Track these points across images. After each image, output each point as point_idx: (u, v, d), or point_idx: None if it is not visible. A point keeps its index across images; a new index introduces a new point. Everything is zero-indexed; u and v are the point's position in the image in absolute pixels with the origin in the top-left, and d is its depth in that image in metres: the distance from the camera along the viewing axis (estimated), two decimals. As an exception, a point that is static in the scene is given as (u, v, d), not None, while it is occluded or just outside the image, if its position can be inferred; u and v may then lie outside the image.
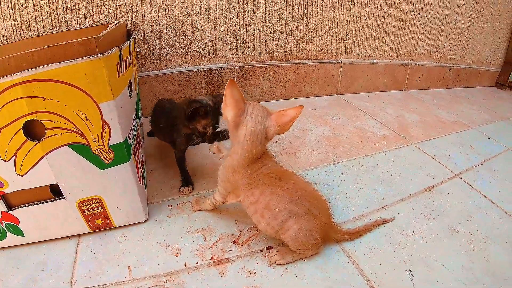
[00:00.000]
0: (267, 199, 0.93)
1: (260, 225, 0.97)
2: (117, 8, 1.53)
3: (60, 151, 0.86)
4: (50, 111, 0.80)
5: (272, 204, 0.92)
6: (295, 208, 0.92)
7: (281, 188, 0.93)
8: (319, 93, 2.33)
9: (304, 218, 0.92)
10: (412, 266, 1.03)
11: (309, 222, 0.93)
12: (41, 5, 1.39)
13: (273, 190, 0.93)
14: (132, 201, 1.03)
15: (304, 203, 0.93)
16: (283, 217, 0.92)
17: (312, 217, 0.94)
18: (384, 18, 2.35)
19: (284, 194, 0.92)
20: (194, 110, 1.13)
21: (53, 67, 0.76)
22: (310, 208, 0.93)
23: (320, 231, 0.96)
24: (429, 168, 1.57)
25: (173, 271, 0.94)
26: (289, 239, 0.94)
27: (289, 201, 0.92)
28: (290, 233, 0.93)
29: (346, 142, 1.74)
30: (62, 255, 0.98)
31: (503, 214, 1.32)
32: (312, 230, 0.94)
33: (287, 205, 0.91)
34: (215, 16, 1.76)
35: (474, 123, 2.22)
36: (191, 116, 1.15)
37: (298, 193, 0.93)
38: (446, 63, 2.88)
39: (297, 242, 0.94)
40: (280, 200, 0.92)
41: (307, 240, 0.94)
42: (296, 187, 0.94)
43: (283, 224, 0.93)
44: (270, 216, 0.93)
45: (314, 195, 0.98)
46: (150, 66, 1.72)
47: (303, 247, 0.95)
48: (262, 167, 0.96)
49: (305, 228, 0.93)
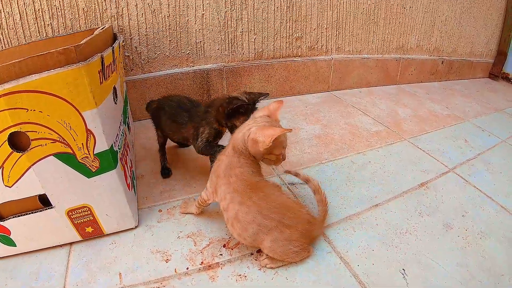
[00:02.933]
0: (236, 209, 0.92)
1: (234, 235, 0.97)
2: (103, 12, 1.52)
3: (46, 161, 0.85)
4: (34, 122, 0.80)
5: (241, 215, 0.92)
6: (263, 221, 0.91)
7: (250, 199, 0.92)
8: (310, 91, 2.32)
9: (276, 230, 0.92)
10: (405, 265, 1.02)
11: (283, 233, 0.92)
12: (27, 12, 1.38)
13: (241, 200, 0.92)
14: (121, 208, 1.03)
15: (274, 216, 0.92)
16: (253, 229, 0.91)
17: (286, 228, 0.92)
18: (374, 13, 2.34)
19: (252, 205, 0.91)
20: (236, 108, 1.13)
21: (34, 77, 0.75)
22: (282, 219, 0.92)
23: (301, 238, 0.95)
24: (423, 164, 1.57)
25: (163, 277, 0.94)
26: (267, 251, 0.94)
27: (257, 213, 0.91)
28: (265, 244, 0.93)
29: (338, 139, 1.73)
30: (54, 264, 0.98)
31: (499, 208, 1.31)
32: (289, 239, 0.93)
33: (255, 218, 0.91)
34: (202, 17, 1.76)
35: (468, 116, 2.21)
36: (231, 114, 1.15)
37: (267, 206, 0.92)
38: (439, 56, 2.87)
39: (276, 253, 0.94)
40: (248, 212, 0.91)
41: (286, 249, 0.94)
42: (266, 199, 0.93)
43: (255, 236, 0.92)
44: (240, 228, 0.93)
45: (287, 206, 0.96)
46: (138, 69, 1.72)
47: (285, 257, 0.95)
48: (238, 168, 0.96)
49: (280, 239, 0.92)
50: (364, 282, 0.96)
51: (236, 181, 0.94)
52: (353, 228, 1.15)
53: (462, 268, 1.03)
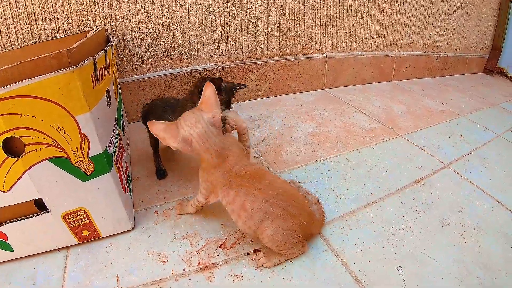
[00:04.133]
0: (242, 200, 0.93)
1: (239, 224, 0.97)
2: (96, 14, 1.51)
3: (41, 166, 0.85)
4: (27, 127, 0.80)
5: (247, 204, 0.92)
6: (270, 208, 0.91)
7: (255, 188, 0.93)
8: (305, 89, 2.32)
9: (280, 218, 0.92)
10: (402, 262, 1.02)
11: (286, 221, 0.93)
12: (20, 16, 1.38)
13: (247, 191, 0.93)
14: (117, 211, 1.03)
15: (280, 203, 0.92)
16: (259, 217, 0.92)
17: (290, 216, 0.93)
18: (368, 10, 2.34)
19: (258, 194, 0.92)
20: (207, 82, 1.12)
21: (27, 83, 0.75)
22: (287, 207, 0.93)
23: (300, 229, 0.96)
24: (418, 160, 1.57)
25: (160, 279, 0.94)
26: (267, 240, 0.94)
27: (264, 201, 0.91)
28: (268, 232, 0.93)
29: (333, 137, 1.73)
30: (52, 268, 0.98)
31: (495, 203, 1.32)
32: (290, 229, 0.94)
33: (262, 206, 0.91)
34: (195, 17, 1.75)
35: (463, 111, 2.22)
36: None
37: (274, 193, 0.93)
38: (433, 52, 2.88)
39: (275, 242, 0.94)
40: (254, 201, 0.92)
41: (286, 240, 0.94)
42: (271, 187, 0.94)
43: (259, 224, 0.93)
44: (246, 216, 0.93)
45: (291, 194, 0.97)
46: (132, 71, 1.72)
47: (283, 247, 0.95)
48: (233, 167, 0.96)
49: (283, 228, 0.92)
50: (360, 280, 0.96)
51: (236, 178, 0.95)
52: (349, 226, 1.15)
53: (458, 264, 1.03)
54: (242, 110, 1.99)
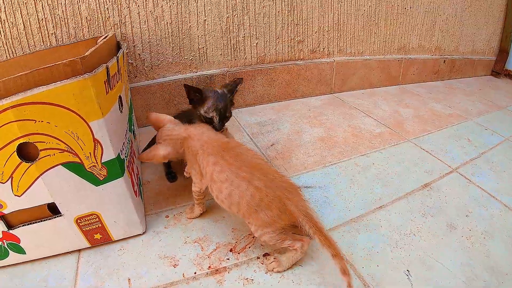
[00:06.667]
0: (211, 170, 0.94)
1: (216, 199, 0.98)
2: (106, 20, 1.53)
3: (55, 171, 0.87)
4: (42, 133, 0.81)
5: (215, 175, 0.93)
6: (235, 179, 0.91)
7: (222, 158, 0.94)
8: (313, 93, 2.33)
9: (248, 192, 0.90)
10: (409, 266, 1.03)
11: (253, 198, 0.90)
12: (31, 22, 1.40)
13: (215, 160, 0.94)
14: (128, 215, 1.04)
15: (244, 175, 0.91)
16: (227, 190, 0.92)
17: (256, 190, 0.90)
18: (375, 14, 2.34)
19: (224, 164, 0.93)
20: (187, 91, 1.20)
21: (42, 89, 0.76)
22: (252, 180, 0.90)
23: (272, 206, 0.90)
24: (426, 164, 1.57)
25: (171, 282, 0.95)
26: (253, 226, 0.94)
27: (229, 172, 0.92)
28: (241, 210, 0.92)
29: (342, 142, 1.74)
30: (64, 271, 0.99)
31: (502, 207, 1.31)
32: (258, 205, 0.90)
33: (228, 177, 0.91)
34: (204, 23, 1.77)
35: (470, 114, 2.21)
36: (190, 100, 1.20)
37: (237, 164, 0.93)
38: (441, 55, 2.87)
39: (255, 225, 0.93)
40: (221, 171, 0.92)
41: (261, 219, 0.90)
42: (237, 158, 0.94)
43: (230, 198, 0.92)
44: (216, 189, 0.94)
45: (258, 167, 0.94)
46: (142, 76, 1.73)
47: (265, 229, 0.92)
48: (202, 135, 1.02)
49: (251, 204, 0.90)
50: (369, 283, 0.97)
51: (207, 146, 0.98)
52: (357, 230, 1.16)
53: (466, 268, 1.03)
54: (251, 115, 2.00)
